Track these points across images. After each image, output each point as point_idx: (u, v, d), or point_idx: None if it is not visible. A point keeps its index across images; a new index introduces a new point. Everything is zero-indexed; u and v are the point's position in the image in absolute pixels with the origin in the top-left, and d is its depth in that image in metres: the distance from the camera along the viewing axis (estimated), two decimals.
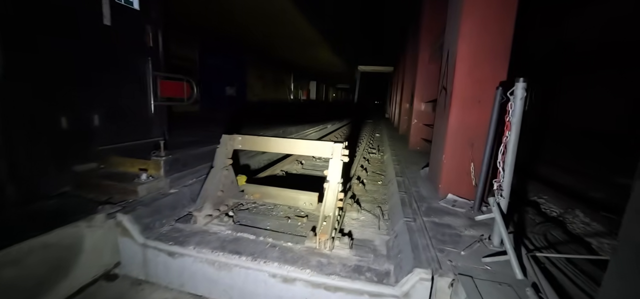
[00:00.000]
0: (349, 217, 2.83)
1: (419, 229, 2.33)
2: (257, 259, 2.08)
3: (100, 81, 3.08)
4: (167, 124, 4.01)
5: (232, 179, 2.72)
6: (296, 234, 2.47)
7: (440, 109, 3.37)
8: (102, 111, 3.11)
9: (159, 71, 3.71)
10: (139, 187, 2.70)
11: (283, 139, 2.58)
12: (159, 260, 2.32)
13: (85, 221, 2.32)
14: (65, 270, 2.20)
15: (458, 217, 2.63)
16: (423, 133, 5.68)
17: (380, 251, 2.29)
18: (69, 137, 2.84)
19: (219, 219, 2.51)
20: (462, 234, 2.30)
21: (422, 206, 2.86)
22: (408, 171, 4.10)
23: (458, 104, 2.84)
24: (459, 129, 2.90)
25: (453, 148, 2.98)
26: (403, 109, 8.03)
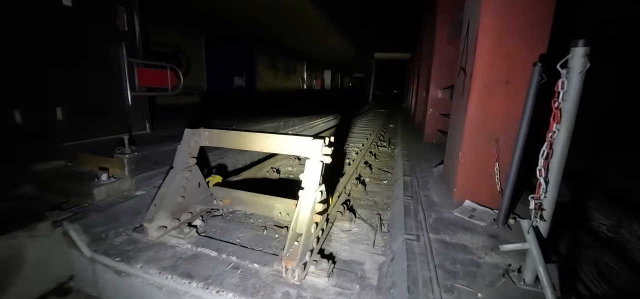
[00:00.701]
0: (338, 229, 2.33)
1: (422, 253, 1.79)
2: (209, 287, 1.65)
3: (61, 70, 2.73)
4: (149, 117, 3.67)
5: (197, 182, 2.29)
6: (268, 251, 2.01)
7: (457, 94, 2.75)
8: (64, 104, 2.77)
9: (136, 58, 3.33)
10: (96, 189, 2.35)
11: (255, 134, 2.11)
12: (108, 278, 1.96)
13: (25, 231, 1.99)
14: (2, 286, 1.89)
15: (476, 234, 2.04)
16: (439, 124, 5.00)
17: (369, 279, 1.78)
18: (24, 133, 2.52)
19: (179, 230, 2.10)
20: (481, 262, 1.73)
21: (430, 215, 2.30)
22: (419, 169, 3.50)
23: (479, 87, 2.21)
24: (480, 119, 2.28)
25: (472, 143, 2.37)
26: (419, 97, 7.29)
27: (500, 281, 1.56)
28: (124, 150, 2.60)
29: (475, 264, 1.72)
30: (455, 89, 2.83)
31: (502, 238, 2.02)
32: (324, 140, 1.77)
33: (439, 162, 3.47)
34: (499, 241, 1.97)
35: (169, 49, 7.72)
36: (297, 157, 4.18)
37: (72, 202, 2.37)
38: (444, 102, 4.89)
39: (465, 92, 2.37)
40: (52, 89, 2.69)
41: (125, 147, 2.60)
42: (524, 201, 2.54)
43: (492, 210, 2.38)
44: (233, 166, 3.85)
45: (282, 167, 3.94)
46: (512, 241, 1.95)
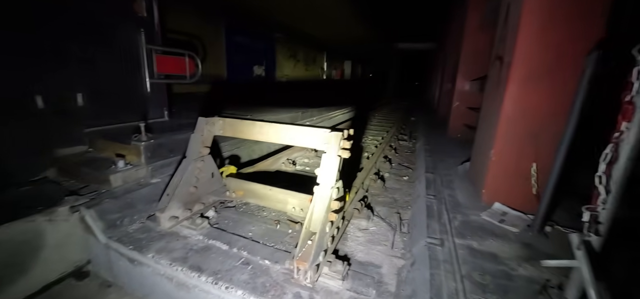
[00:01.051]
0: (355, 227, 2.20)
1: (447, 260, 1.63)
2: (218, 283, 1.59)
3: (81, 56, 2.74)
4: (167, 104, 3.67)
5: (211, 172, 2.24)
6: (281, 247, 1.92)
7: (491, 86, 2.50)
8: (85, 90, 2.80)
9: (155, 44, 3.31)
10: (112, 176, 2.36)
11: (271, 125, 2.00)
12: (121, 265, 1.96)
13: (44, 215, 2.03)
14: (22, 268, 1.94)
15: (508, 242, 1.85)
16: (466, 118, 4.69)
17: (387, 284, 1.64)
18: (46, 118, 2.56)
19: (191, 221, 2.06)
20: (514, 274, 1.55)
21: (455, 218, 2.11)
22: (442, 166, 3.28)
23: (519, 77, 1.97)
24: (517, 113, 2.05)
25: (507, 140, 2.15)
26: (444, 89, 6.91)
27: (538, 298, 1.38)
28: (140, 137, 2.59)
29: (507, 276, 1.54)
30: (489, 81, 2.58)
31: (538, 247, 1.81)
32: (342, 133, 1.63)
33: (465, 159, 3.24)
34: (535, 250, 1.77)
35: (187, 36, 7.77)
36: (314, 149, 4.06)
37: (90, 188, 2.40)
38: (472, 95, 4.57)
39: (501, 84, 2.13)
40: (72, 75, 2.71)
41: (142, 135, 2.59)
42: (563, 207, 2.29)
43: (526, 215, 2.16)
44: (248, 157, 3.80)
45: (298, 159, 3.84)
46: (549, 252, 1.75)
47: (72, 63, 2.69)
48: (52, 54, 2.56)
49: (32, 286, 1.99)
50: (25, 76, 2.43)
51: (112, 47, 2.99)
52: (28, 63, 2.43)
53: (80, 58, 2.74)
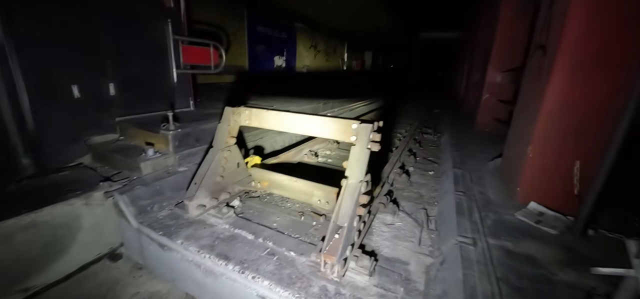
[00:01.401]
0: (380, 222, 2.15)
1: (481, 261, 1.55)
2: (245, 272, 1.61)
3: (113, 47, 2.83)
4: (193, 94, 3.74)
5: (236, 162, 2.25)
6: (305, 239, 1.92)
7: (530, 77, 2.33)
8: (116, 80, 2.89)
9: (181, 35, 3.36)
10: (143, 164, 2.44)
11: (297, 115, 1.98)
12: (152, 249, 2.03)
13: (81, 199, 2.13)
14: (63, 248, 2.06)
15: (546, 244, 1.74)
16: (496, 111, 4.45)
17: (415, 282, 1.60)
18: (81, 107, 2.68)
19: (217, 210, 2.09)
20: (555, 280, 1.45)
21: (487, 216, 2.01)
22: (471, 161, 3.14)
23: (565, 68, 1.82)
24: (561, 106, 1.90)
25: (547, 135, 2.00)
26: (471, 81, 6.59)
27: None
28: (168, 126, 2.65)
29: (547, 281, 1.44)
30: (527, 71, 2.40)
31: (580, 252, 1.69)
32: (372, 124, 1.58)
33: (496, 155, 3.08)
34: (576, 255, 1.65)
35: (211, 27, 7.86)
36: (336, 141, 4.02)
37: (122, 174, 2.50)
38: (504, 87, 4.32)
39: (543, 75, 1.98)
40: (105, 65, 2.80)
41: (169, 124, 2.65)
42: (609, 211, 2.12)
43: (565, 216, 2.01)
44: (271, 147, 3.82)
45: (320, 150, 3.82)
46: (593, 257, 1.63)
47: (104, 53, 2.78)
48: (87, 43, 2.65)
49: (71, 266, 2.11)
50: (64, 65, 2.53)
51: (141, 37, 3.06)
52: (66, 53, 2.53)
53: (112, 49, 2.82)
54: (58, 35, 2.47)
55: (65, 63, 2.53)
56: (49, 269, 1.98)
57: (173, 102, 3.43)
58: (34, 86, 2.35)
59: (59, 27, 2.47)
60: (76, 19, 2.56)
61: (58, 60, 2.48)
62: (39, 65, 2.37)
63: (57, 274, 2.02)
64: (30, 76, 2.33)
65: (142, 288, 2.07)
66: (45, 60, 2.41)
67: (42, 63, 2.40)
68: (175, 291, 2.08)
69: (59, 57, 2.48)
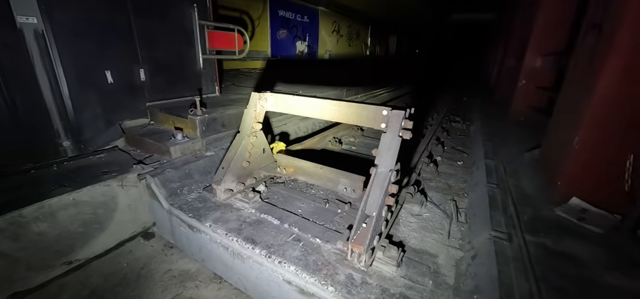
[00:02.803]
0: (407, 212, 2.09)
1: (517, 257, 1.46)
2: (271, 256, 1.62)
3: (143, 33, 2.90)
4: (218, 80, 3.79)
5: (262, 148, 2.26)
6: (331, 227, 1.90)
7: (580, 62, 2.12)
8: (146, 65, 2.97)
9: (207, 20, 3.39)
10: (172, 148, 2.51)
11: (323, 101, 1.93)
12: (182, 230, 2.12)
13: (117, 181, 2.24)
14: (102, 225, 2.19)
15: (590, 243, 1.61)
16: (533, 99, 4.14)
17: (444, 276, 1.54)
18: (114, 92, 2.79)
19: (244, 194, 2.12)
20: (601, 281, 1.34)
21: (524, 211, 1.89)
22: (504, 152, 2.96)
23: (624, 50, 1.62)
24: (616, 94, 1.71)
25: (598, 126, 1.82)
26: (505, 66, 6.17)
27: None
28: (196, 112, 2.71)
29: (593, 283, 1.34)
30: (577, 55, 2.19)
31: (630, 253, 1.55)
32: (404, 111, 1.50)
33: (533, 146, 2.87)
34: (626, 257, 1.52)
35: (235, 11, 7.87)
36: (360, 127, 3.94)
37: (153, 158, 2.60)
38: (544, 72, 4.00)
39: (596, 58, 1.79)
40: (135, 51, 2.89)
41: (197, 109, 2.70)
42: None
43: (612, 215, 1.85)
44: (295, 134, 3.82)
45: (344, 138, 3.76)
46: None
47: (135, 40, 2.86)
48: (119, 30, 2.73)
49: (110, 242, 2.25)
50: (98, 52, 2.63)
51: (169, 23, 3.11)
52: (99, 40, 2.62)
53: (142, 35, 2.89)
54: (92, 22, 2.56)
55: (99, 50, 2.63)
56: (90, 244, 2.12)
57: (200, 88, 3.50)
58: (72, 73, 2.48)
59: (93, 14, 2.56)
60: (108, 5, 2.64)
61: (93, 47, 2.58)
62: (76, 53, 2.48)
63: (97, 250, 2.16)
64: (69, 63, 2.44)
65: (174, 266, 2.17)
66: (82, 48, 2.52)
67: (79, 51, 2.51)
68: (204, 270, 2.16)
69: (93, 44, 2.58)
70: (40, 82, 2.37)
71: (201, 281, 2.06)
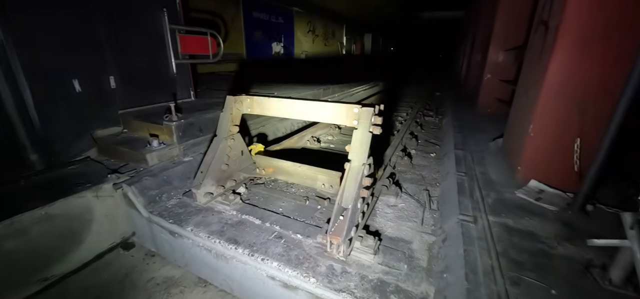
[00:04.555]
0: (383, 204, 2.21)
1: (481, 237, 1.60)
2: (254, 255, 1.67)
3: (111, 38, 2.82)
4: (193, 84, 3.74)
5: (240, 150, 2.29)
6: (311, 222, 1.97)
7: (532, 55, 2.33)
8: (116, 72, 2.89)
9: (177, 24, 3.34)
10: (149, 155, 2.48)
11: (298, 102, 2.00)
12: (163, 237, 2.10)
13: (91, 192, 2.19)
14: (78, 238, 2.13)
15: (546, 220, 1.79)
16: (498, 92, 4.44)
17: (418, 259, 1.66)
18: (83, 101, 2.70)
19: (224, 197, 2.15)
20: (553, 253, 1.51)
21: (488, 195, 2.06)
22: (472, 142, 3.17)
23: (567, 44, 1.82)
24: (563, 84, 1.91)
25: (549, 113, 2.02)
26: (473, 61, 6.53)
27: (579, 277, 1.34)
28: (171, 117, 2.68)
29: (546, 255, 1.50)
30: (529, 49, 2.39)
31: (579, 226, 1.74)
32: (373, 108, 1.60)
33: (497, 135, 3.10)
34: (575, 230, 1.70)
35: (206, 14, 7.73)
36: (338, 126, 4.04)
37: (129, 166, 2.54)
38: (506, 67, 4.29)
39: (545, 52, 1.98)
40: (104, 58, 2.80)
41: (172, 115, 2.68)
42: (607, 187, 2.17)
43: (565, 193, 2.06)
44: (274, 134, 3.85)
45: (322, 136, 3.85)
46: (592, 231, 1.68)
47: (102, 46, 2.77)
48: (84, 37, 2.65)
49: (88, 255, 2.19)
50: (64, 60, 2.54)
51: (138, 29, 3.04)
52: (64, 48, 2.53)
53: (110, 41, 2.81)
54: (56, 30, 2.46)
55: (65, 58, 2.53)
56: (66, 259, 2.06)
57: (174, 93, 3.44)
58: (36, 82, 2.37)
59: (56, 22, 2.46)
60: (72, 12, 2.55)
61: (57, 56, 2.48)
62: (39, 62, 2.38)
63: (74, 264, 2.10)
64: (32, 73, 2.34)
65: (157, 274, 2.15)
66: (45, 57, 2.42)
67: (43, 60, 2.40)
68: (188, 275, 2.16)
69: (58, 53, 2.48)
70: (2, 94, 2.26)
71: (186, 286, 2.06)
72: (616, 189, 2.17)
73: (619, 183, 2.26)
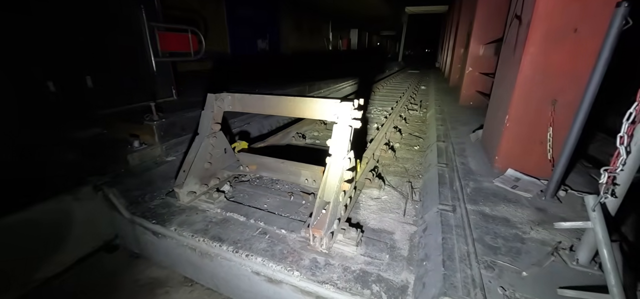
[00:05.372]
0: (367, 196, 2.24)
1: (459, 225, 1.66)
2: (239, 251, 1.67)
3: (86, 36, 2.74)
4: (174, 83, 3.68)
5: (223, 148, 2.28)
6: (295, 217, 1.99)
7: (507, 48, 2.40)
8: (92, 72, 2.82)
9: (156, 21, 3.27)
10: (129, 156, 2.44)
11: (280, 98, 2.00)
12: (147, 238, 2.07)
13: (70, 195, 2.13)
14: (57, 243, 2.08)
15: (520, 207, 1.86)
16: (479, 84, 4.55)
17: (399, 249, 1.70)
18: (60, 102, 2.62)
19: (208, 195, 2.13)
20: (526, 238, 1.58)
21: (467, 185, 2.13)
22: (454, 134, 3.25)
23: (538, 38, 1.88)
24: (535, 76, 1.98)
25: (523, 104, 2.10)
26: (456, 55, 6.66)
27: (549, 259, 1.41)
28: (152, 117, 2.64)
29: (519, 239, 1.57)
30: (505, 43, 2.47)
31: (551, 211, 1.82)
32: (352, 102, 1.62)
33: (477, 126, 3.19)
34: (547, 215, 1.78)
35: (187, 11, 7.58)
36: (323, 121, 4.06)
37: (109, 167, 2.49)
38: (486, 60, 4.40)
39: (518, 46, 2.05)
40: (79, 58, 2.72)
41: (153, 114, 2.63)
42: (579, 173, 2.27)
43: (539, 180, 2.15)
44: (258, 132, 3.83)
45: (307, 132, 3.86)
46: (563, 215, 1.76)
47: (77, 45, 2.69)
48: (59, 36, 2.56)
49: (69, 260, 2.13)
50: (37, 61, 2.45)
51: (114, 26, 2.96)
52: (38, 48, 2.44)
53: (86, 39, 2.73)
54: (27, 29, 2.37)
55: (38, 58, 2.44)
56: (47, 263, 2.00)
57: (155, 92, 3.38)
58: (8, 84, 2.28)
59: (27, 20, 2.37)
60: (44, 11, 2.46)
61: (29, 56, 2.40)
62: (10, 62, 2.30)
63: (56, 268, 2.04)
64: (3, 74, 2.25)
65: (141, 275, 2.13)
66: (16, 57, 2.33)
67: (14, 60, 2.32)
68: (173, 276, 2.15)
69: (30, 52, 2.39)
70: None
71: (171, 286, 2.04)
72: (587, 175, 2.28)
73: (589, 169, 2.38)
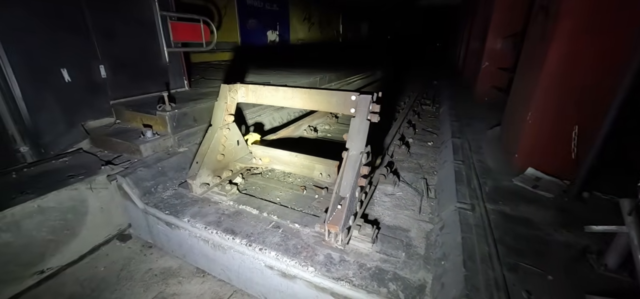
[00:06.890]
0: (381, 192, 2.20)
1: (479, 224, 1.60)
2: (252, 245, 1.66)
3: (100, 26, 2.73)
4: (186, 73, 3.66)
5: (236, 140, 2.26)
6: (309, 212, 1.96)
7: (531, 42, 2.30)
8: (106, 61, 2.81)
9: (168, 11, 3.24)
10: (142, 146, 2.44)
11: (294, 90, 1.96)
12: (159, 228, 2.08)
13: (85, 184, 2.15)
14: (73, 231, 2.11)
15: (542, 207, 1.79)
16: (495, 80, 4.41)
17: (416, 247, 1.66)
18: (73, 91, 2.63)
19: (221, 187, 2.12)
20: (550, 240, 1.51)
21: (485, 183, 2.06)
22: (470, 131, 3.16)
23: (567, 29, 1.79)
24: (562, 71, 1.89)
25: (547, 101, 2.00)
26: (470, 49, 6.47)
27: (575, 263, 1.35)
28: (164, 107, 2.62)
29: (542, 241, 1.51)
30: (528, 36, 2.36)
31: (575, 213, 1.75)
32: (371, 95, 1.57)
33: (495, 123, 3.09)
34: (572, 216, 1.71)
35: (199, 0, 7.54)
36: (335, 115, 4.01)
37: (122, 157, 2.50)
38: (504, 54, 4.25)
39: (545, 38, 1.95)
40: (93, 47, 2.72)
41: (165, 105, 2.62)
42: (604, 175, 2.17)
43: (562, 181, 2.06)
44: (270, 124, 3.81)
45: (319, 125, 3.81)
46: (588, 218, 1.69)
47: (91, 35, 2.68)
48: (72, 25, 2.56)
49: (83, 248, 2.17)
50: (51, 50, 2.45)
51: (127, 15, 2.94)
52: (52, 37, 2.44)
53: (99, 29, 2.72)
54: (42, 18, 2.37)
55: (52, 47, 2.45)
56: (61, 251, 2.03)
57: (167, 82, 3.37)
58: (23, 73, 2.29)
59: (42, 10, 2.37)
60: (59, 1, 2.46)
61: (44, 44, 2.40)
62: (25, 51, 2.30)
63: (70, 256, 2.08)
64: (18, 63, 2.26)
65: (154, 265, 2.14)
66: (31, 46, 2.33)
67: (28, 49, 2.32)
68: (186, 266, 2.15)
69: (44, 41, 2.40)
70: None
71: (184, 276, 2.05)
72: (614, 177, 2.18)
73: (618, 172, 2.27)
